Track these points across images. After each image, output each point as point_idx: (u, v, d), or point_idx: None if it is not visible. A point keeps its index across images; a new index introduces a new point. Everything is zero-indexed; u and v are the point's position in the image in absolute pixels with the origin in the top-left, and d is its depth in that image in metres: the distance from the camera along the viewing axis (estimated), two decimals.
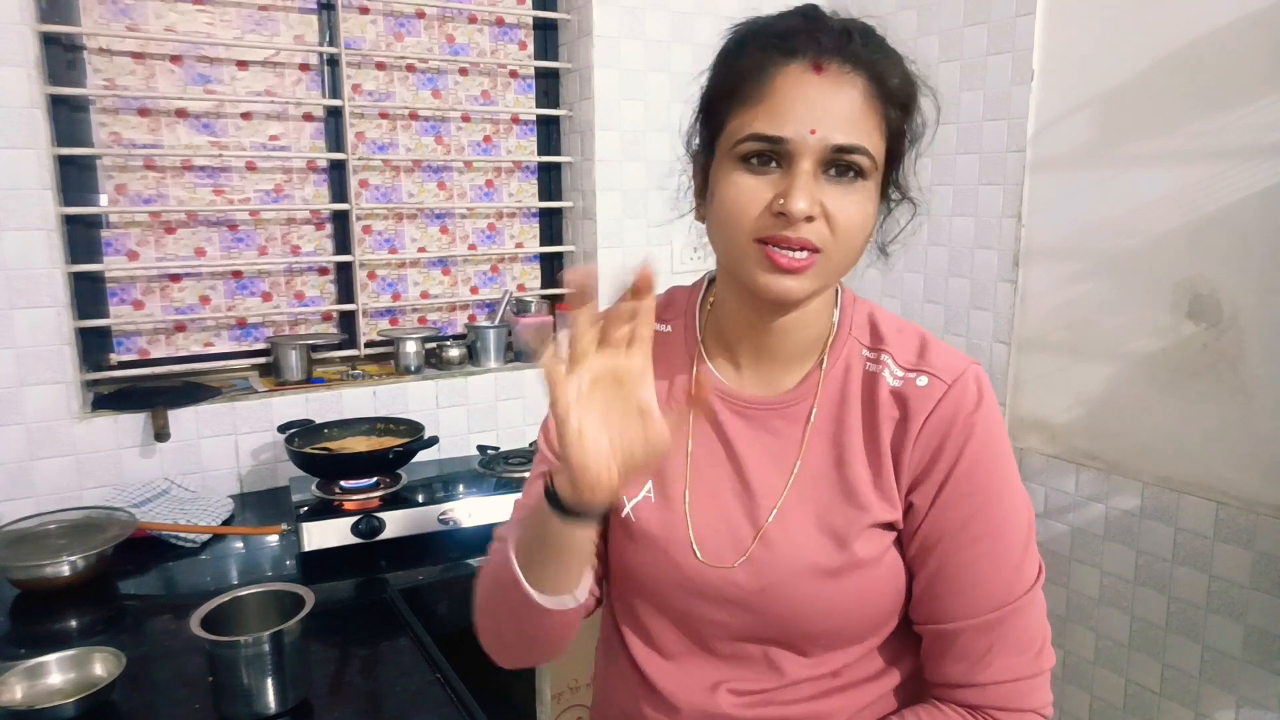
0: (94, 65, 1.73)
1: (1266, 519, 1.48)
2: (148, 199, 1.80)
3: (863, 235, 0.74)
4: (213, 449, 1.76)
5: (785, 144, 0.70)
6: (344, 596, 1.38)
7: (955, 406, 0.76)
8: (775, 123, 0.70)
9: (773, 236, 0.70)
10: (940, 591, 0.77)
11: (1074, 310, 1.76)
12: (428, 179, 2.10)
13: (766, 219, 0.70)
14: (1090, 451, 1.76)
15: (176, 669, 1.13)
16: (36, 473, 1.61)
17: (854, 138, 0.70)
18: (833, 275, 0.74)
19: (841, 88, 0.70)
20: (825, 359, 0.81)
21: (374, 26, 1.99)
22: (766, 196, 0.70)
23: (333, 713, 1.06)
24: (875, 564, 0.77)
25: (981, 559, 0.76)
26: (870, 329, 0.82)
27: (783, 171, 0.71)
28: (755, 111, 0.71)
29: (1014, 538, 0.77)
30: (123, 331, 1.83)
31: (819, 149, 0.69)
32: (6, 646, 1.20)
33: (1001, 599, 0.75)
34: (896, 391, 0.78)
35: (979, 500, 0.76)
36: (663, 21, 2.09)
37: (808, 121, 0.69)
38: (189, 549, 1.52)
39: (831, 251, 0.72)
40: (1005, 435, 0.79)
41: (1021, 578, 0.77)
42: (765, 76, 0.71)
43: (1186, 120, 1.54)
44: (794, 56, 0.70)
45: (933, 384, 0.77)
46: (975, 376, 0.78)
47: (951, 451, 0.75)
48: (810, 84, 0.70)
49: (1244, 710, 1.54)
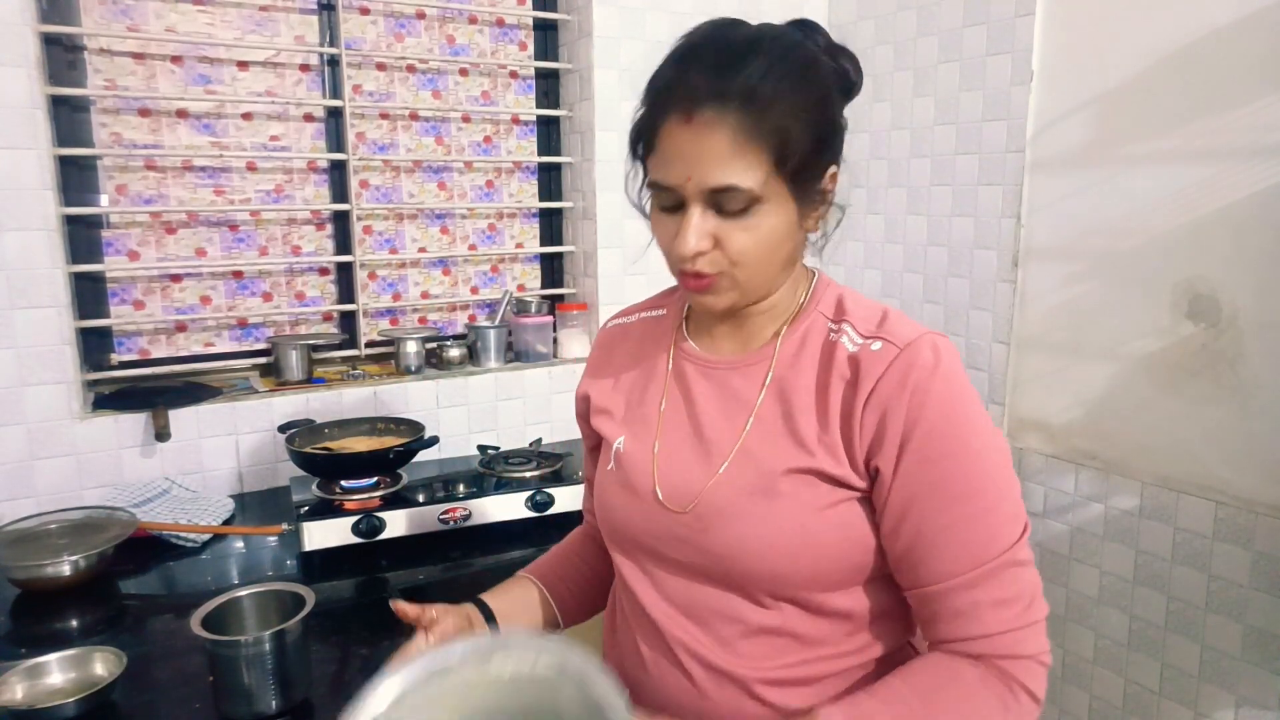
0: (95, 65, 1.73)
1: (1265, 518, 1.48)
2: (148, 199, 1.80)
3: (765, 253, 0.79)
4: (213, 449, 1.76)
5: (673, 190, 0.78)
6: (344, 596, 1.38)
7: (906, 370, 0.78)
8: (662, 172, 0.78)
9: (682, 272, 0.81)
10: (921, 556, 0.78)
11: (1073, 310, 1.76)
12: (428, 179, 2.10)
13: (673, 255, 0.80)
14: (1089, 451, 1.76)
15: (177, 669, 1.14)
16: (37, 472, 1.62)
17: (727, 178, 0.75)
18: (748, 286, 0.82)
19: (711, 133, 0.74)
20: (785, 328, 0.87)
21: (374, 27, 1.99)
22: (674, 232, 0.79)
23: (333, 712, 1.06)
24: (797, 500, 0.80)
25: (957, 522, 0.77)
26: (836, 305, 0.87)
27: (684, 211, 0.78)
28: (652, 161, 0.80)
29: (990, 498, 0.78)
30: (123, 331, 1.83)
31: (697, 192, 0.76)
32: (7, 646, 1.20)
33: (981, 557, 0.77)
34: (852, 356, 0.81)
35: (947, 465, 0.77)
36: (662, 22, 2.09)
37: (683, 170, 0.76)
38: (189, 549, 1.53)
39: (732, 273, 0.80)
40: (974, 400, 0.80)
41: (1002, 535, 0.78)
42: (654, 130, 0.79)
43: (1186, 121, 1.55)
44: (669, 110, 0.77)
45: (885, 348, 0.79)
46: (932, 343, 0.79)
47: (905, 414, 0.77)
48: (682, 134, 0.76)
49: (1243, 710, 1.54)
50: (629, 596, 0.93)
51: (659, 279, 0.92)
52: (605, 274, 2.13)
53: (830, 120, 0.81)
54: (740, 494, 0.82)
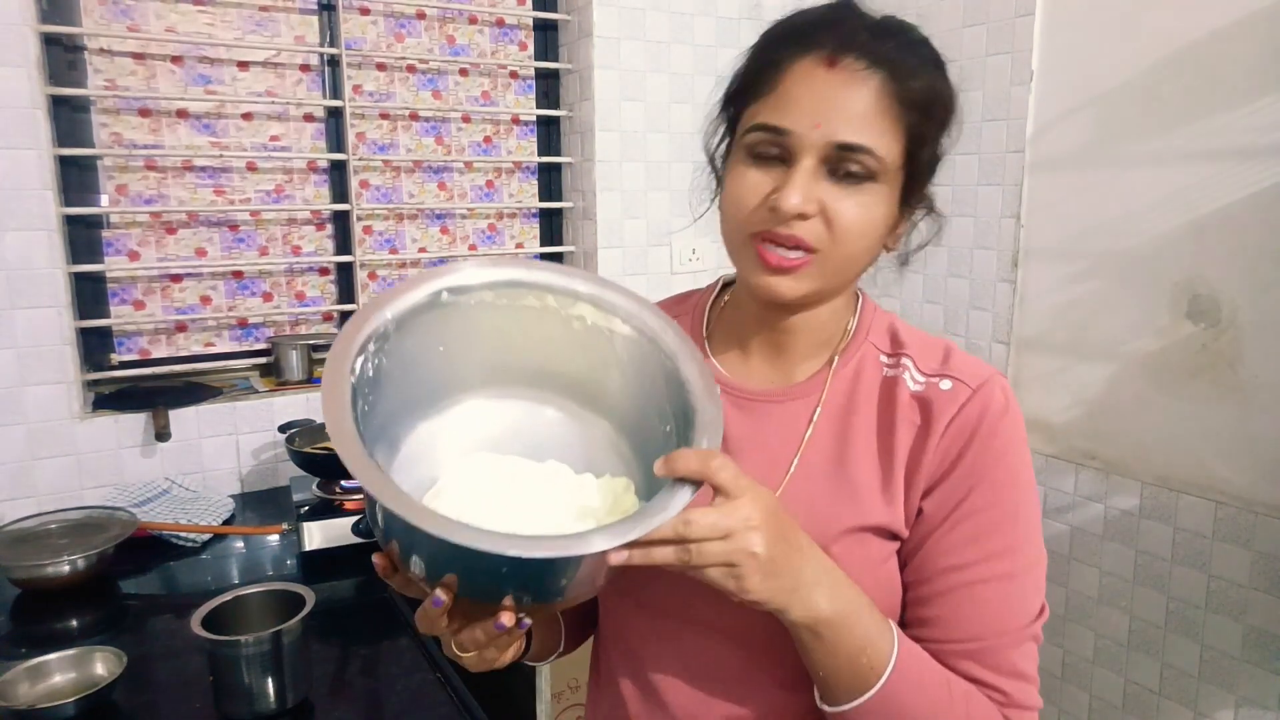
0: (95, 66, 1.73)
1: (1265, 518, 1.48)
2: (149, 199, 1.81)
3: (865, 240, 0.71)
4: (213, 449, 1.76)
5: (788, 136, 0.68)
6: (344, 596, 1.38)
7: (980, 411, 0.71)
8: (779, 114, 0.68)
9: (765, 232, 0.69)
10: (943, 612, 0.71)
11: (1073, 310, 1.76)
12: (428, 179, 2.10)
13: (761, 213, 0.69)
14: (1089, 451, 1.76)
15: (177, 669, 1.14)
16: (37, 472, 1.62)
17: (861, 137, 0.67)
18: (831, 278, 0.72)
19: (854, 84, 0.67)
20: (836, 359, 0.78)
21: (374, 27, 1.99)
22: (765, 190, 0.69)
23: (333, 712, 1.06)
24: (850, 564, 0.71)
25: (990, 580, 0.70)
26: (890, 336, 0.79)
27: (786, 167, 0.69)
28: (765, 102, 0.70)
29: (1029, 558, 0.72)
30: (124, 331, 1.83)
31: (822, 145, 0.67)
32: (7, 646, 1.20)
33: (1007, 623, 0.70)
34: (918, 395, 0.74)
35: (996, 515, 0.71)
36: (663, 22, 2.09)
37: (813, 115, 0.67)
38: (190, 549, 1.53)
39: (828, 253, 0.69)
40: (1028, 453, 0.74)
41: (1031, 603, 0.72)
42: (779, 69, 0.69)
43: (1185, 121, 1.55)
44: (809, 50, 0.68)
45: (957, 388, 0.72)
46: (1002, 385, 0.74)
47: (973, 459, 0.71)
48: (820, 78, 0.67)
49: (1243, 710, 1.54)
50: (626, 656, 0.83)
51: (659, 280, 0.88)
52: (605, 274, 2.12)
53: (951, 128, 0.74)
54: None
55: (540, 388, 0.75)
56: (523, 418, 0.74)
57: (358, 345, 0.62)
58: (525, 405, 0.75)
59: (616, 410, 0.74)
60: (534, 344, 0.73)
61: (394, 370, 0.66)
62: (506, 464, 0.69)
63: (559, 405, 0.75)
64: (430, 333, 0.68)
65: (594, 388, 0.74)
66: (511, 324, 0.72)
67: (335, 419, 0.57)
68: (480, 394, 0.73)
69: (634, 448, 0.73)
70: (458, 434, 0.72)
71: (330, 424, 0.57)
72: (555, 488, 0.67)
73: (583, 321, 0.72)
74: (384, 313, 0.65)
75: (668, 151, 2.16)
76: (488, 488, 0.66)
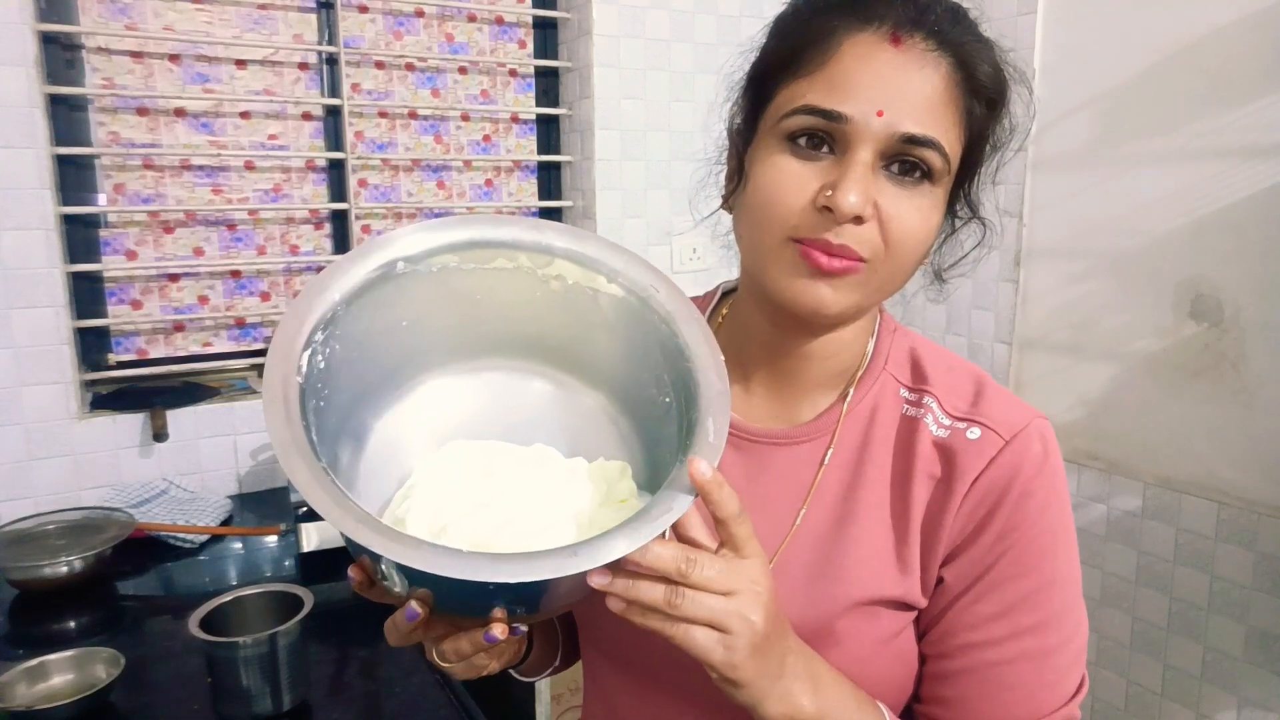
0: (93, 64, 1.72)
1: (1268, 519, 1.47)
2: (146, 198, 1.80)
3: (920, 251, 0.61)
4: (211, 449, 1.75)
5: (845, 123, 0.57)
6: (343, 597, 1.37)
7: (1013, 468, 0.61)
8: (835, 96, 0.57)
9: (810, 238, 0.58)
10: (965, 693, 0.63)
11: (1075, 310, 1.76)
12: (427, 178, 2.10)
13: (808, 215, 0.58)
14: (1092, 452, 1.75)
15: (175, 670, 1.13)
16: (35, 473, 1.61)
17: (929, 129, 0.57)
18: (875, 294, 0.61)
19: (922, 67, 0.57)
20: (850, 393, 0.67)
21: (373, 25, 1.99)
22: (812, 187, 0.58)
23: (332, 713, 1.06)
24: (858, 641, 0.63)
25: (1021, 657, 0.61)
26: (912, 366, 0.68)
27: (835, 159, 0.58)
28: (812, 81, 0.58)
29: (1066, 631, 0.62)
30: (121, 331, 1.82)
31: (884, 136, 0.57)
32: (5, 647, 1.20)
33: (1038, 708, 0.61)
34: (941, 443, 0.64)
35: (1029, 585, 0.61)
36: (663, 20, 2.08)
37: (876, 100, 0.56)
38: (188, 549, 1.52)
39: (879, 264, 0.59)
40: (1069, 509, 0.64)
41: (1067, 681, 0.62)
42: (831, 42, 0.58)
43: (1187, 120, 1.54)
44: (869, 23, 0.58)
45: (986, 437, 0.62)
46: (1040, 433, 0.63)
47: (1003, 523, 0.61)
48: (885, 57, 0.57)
49: (1245, 711, 1.54)
50: (609, 709, 0.75)
51: None
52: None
53: (1005, 121, 0.65)
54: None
55: (521, 358, 0.67)
56: (503, 393, 0.66)
57: (303, 339, 0.54)
58: (505, 378, 0.67)
59: (609, 379, 0.66)
60: (509, 310, 0.64)
61: (349, 355, 0.58)
62: (485, 452, 0.62)
63: (545, 376, 0.67)
64: (388, 308, 0.60)
65: (582, 355, 0.66)
66: (480, 289, 0.63)
67: (281, 433, 0.50)
68: (452, 370, 0.66)
69: (632, 422, 0.65)
70: (430, 417, 0.64)
71: (274, 438, 0.50)
72: (541, 477, 0.60)
73: (562, 281, 0.63)
74: (329, 294, 0.56)
75: (668, 150, 2.15)
76: (464, 484, 0.59)
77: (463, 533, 0.54)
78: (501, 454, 0.62)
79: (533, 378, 0.67)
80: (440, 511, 0.56)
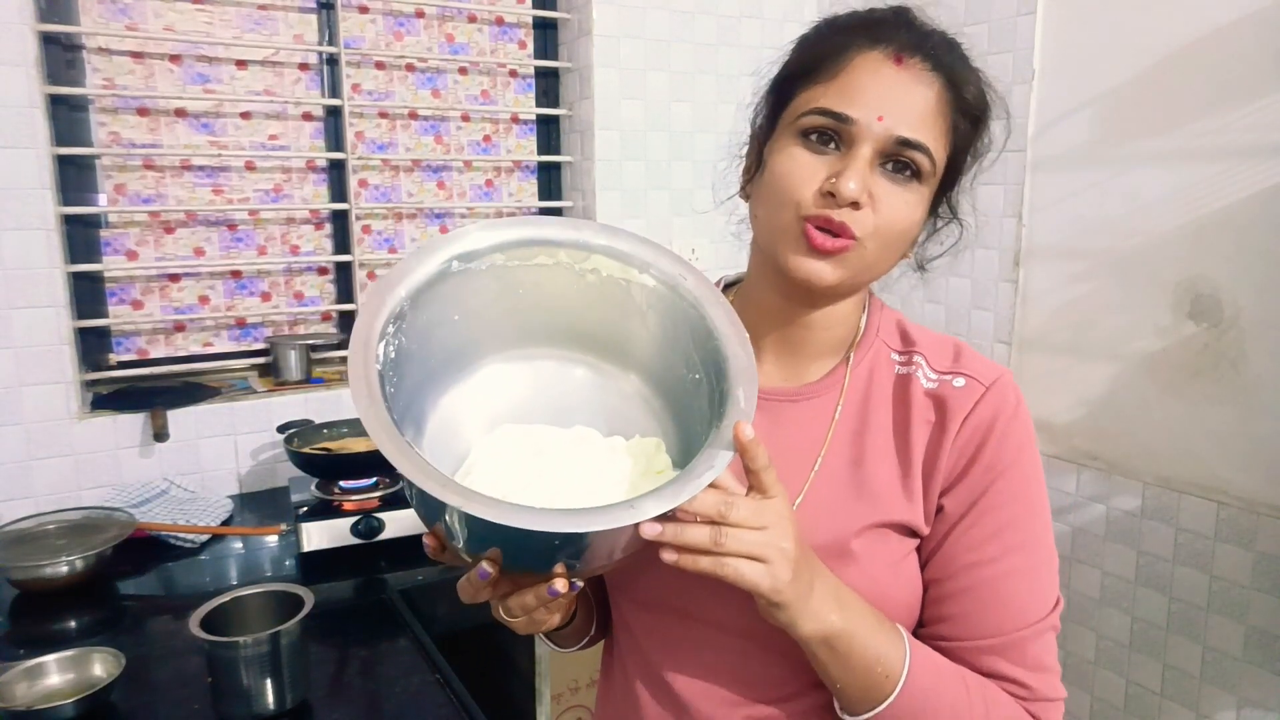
0: (93, 65, 1.72)
1: (1267, 519, 1.47)
2: (147, 199, 1.80)
3: (904, 239, 0.73)
4: (212, 449, 1.76)
5: (850, 124, 0.68)
6: (343, 597, 1.38)
7: (995, 409, 0.73)
8: (844, 101, 0.69)
9: (817, 216, 0.69)
10: (966, 608, 0.73)
11: (1075, 310, 1.76)
12: (427, 179, 2.10)
13: (816, 197, 0.69)
14: (1091, 452, 1.75)
15: (176, 669, 1.13)
16: (35, 473, 1.61)
17: (920, 135, 0.69)
18: (864, 271, 0.72)
19: (919, 84, 0.70)
20: (852, 356, 0.79)
21: (373, 26, 1.99)
22: (820, 175, 0.69)
23: (332, 713, 1.06)
24: (872, 560, 0.73)
25: (1012, 574, 0.72)
26: (900, 334, 0.81)
27: (840, 154, 0.69)
28: (826, 88, 0.70)
29: (1045, 551, 0.74)
30: (122, 331, 1.82)
31: (883, 137, 0.68)
32: (6, 647, 1.20)
33: (1028, 615, 0.72)
34: (932, 393, 0.75)
35: (1015, 510, 0.73)
36: (663, 20, 2.08)
37: (877, 107, 0.68)
38: (188, 549, 1.52)
39: (869, 244, 0.70)
40: (1038, 452, 0.76)
41: (1049, 593, 0.74)
42: (844, 57, 0.70)
43: (1187, 120, 1.54)
44: (878, 43, 0.70)
45: (970, 385, 0.74)
46: (1012, 385, 0.76)
47: (989, 455, 0.73)
48: (888, 73, 0.69)
49: (1245, 711, 1.54)
50: (639, 657, 0.83)
51: None
52: None
53: (984, 138, 0.77)
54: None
55: (563, 346, 0.74)
56: (547, 379, 0.74)
57: (378, 331, 0.62)
58: (549, 365, 0.74)
59: (642, 362, 0.74)
60: (551, 302, 0.72)
61: (412, 347, 0.65)
62: (533, 434, 0.69)
63: (584, 363, 0.75)
64: (445, 303, 0.68)
65: (617, 341, 0.74)
66: (525, 284, 0.71)
67: (370, 413, 0.57)
68: (500, 358, 0.73)
69: (664, 400, 0.73)
70: (482, 403, 0.71)
71: (366, 419, 0.56)
72: (585, 454, 0.67)
73: (598, 274, 0.71)
74: (398, 291, 0.64)
75: (668, 150, 2.15)
76: (517, 462, 0.66)
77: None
78: (547, 436, 0.70)
79: (575, 365, 0.75)
80: (499, 486, 0.62)
